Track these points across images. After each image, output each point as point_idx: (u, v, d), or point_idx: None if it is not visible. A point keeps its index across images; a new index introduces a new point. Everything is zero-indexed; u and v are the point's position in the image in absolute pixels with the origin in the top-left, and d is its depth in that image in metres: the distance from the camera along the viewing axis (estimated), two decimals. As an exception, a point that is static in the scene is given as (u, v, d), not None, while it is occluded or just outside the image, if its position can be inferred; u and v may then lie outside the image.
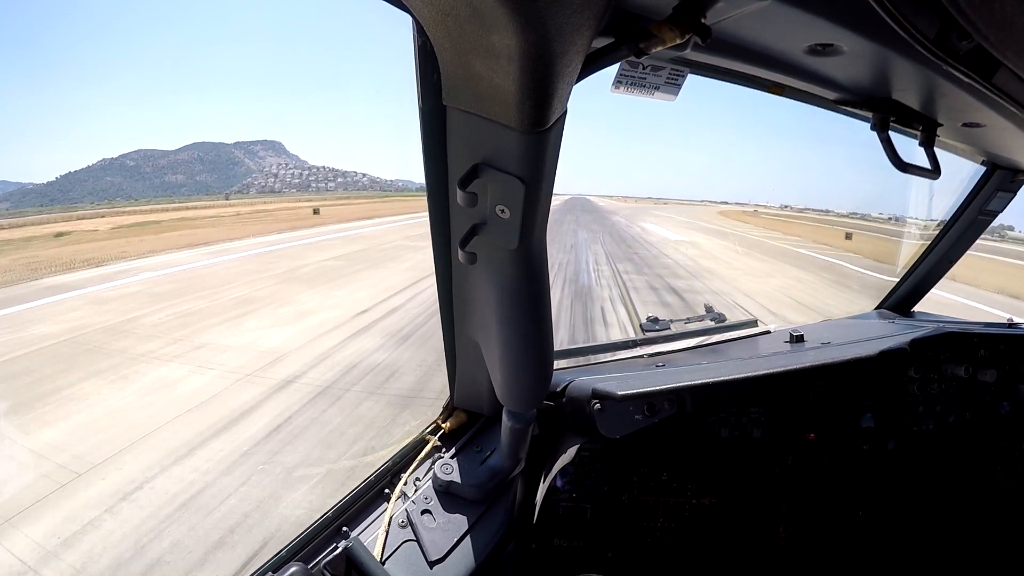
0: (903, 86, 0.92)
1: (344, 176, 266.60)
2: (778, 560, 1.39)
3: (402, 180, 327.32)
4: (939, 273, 2.07)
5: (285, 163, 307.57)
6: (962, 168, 1.73)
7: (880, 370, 1.40)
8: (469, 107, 0.64)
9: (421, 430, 1.34)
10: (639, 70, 0.87)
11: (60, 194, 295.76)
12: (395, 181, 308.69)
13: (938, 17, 0.51)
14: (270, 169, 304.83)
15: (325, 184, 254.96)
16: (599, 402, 1.23)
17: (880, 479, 1.43)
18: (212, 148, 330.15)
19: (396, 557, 1.08)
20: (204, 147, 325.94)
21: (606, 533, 1.30)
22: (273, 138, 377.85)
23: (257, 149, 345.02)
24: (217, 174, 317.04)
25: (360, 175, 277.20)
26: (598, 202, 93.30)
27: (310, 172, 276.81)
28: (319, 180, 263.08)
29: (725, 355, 1.76)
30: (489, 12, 0.46)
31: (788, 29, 0.72)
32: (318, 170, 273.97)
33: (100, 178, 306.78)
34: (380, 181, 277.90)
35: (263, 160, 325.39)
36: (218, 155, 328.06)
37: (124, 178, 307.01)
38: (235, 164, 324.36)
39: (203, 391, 4.95)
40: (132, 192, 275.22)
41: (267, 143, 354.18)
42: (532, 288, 0.85)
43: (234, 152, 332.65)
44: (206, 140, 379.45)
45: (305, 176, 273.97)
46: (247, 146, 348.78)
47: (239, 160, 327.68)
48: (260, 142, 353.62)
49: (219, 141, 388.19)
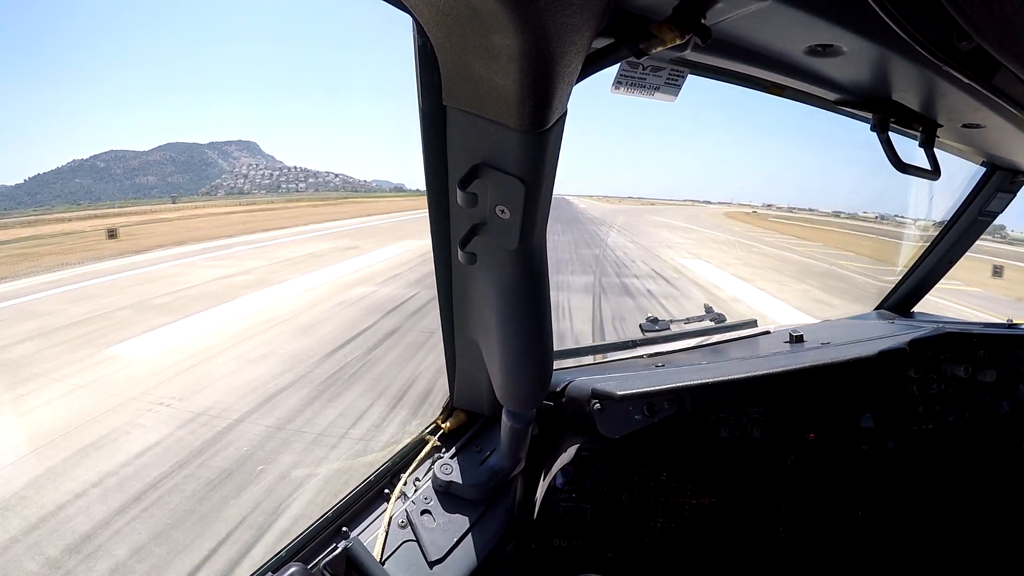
0: (903, 87, 0.92)
1: (316, 177, 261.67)
2: (778, 560, 1.39)
3: (377, 180, 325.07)
4: (939, 274, 2.07)
5: (257, 164, 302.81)
6: (962, 169, 1.73)
7: (880, 370, 1.40)
8: (469, 107, 0.64)
9: (421, 430, 1.34)
10: (639, 70, 0.87)
11: (28, 197, 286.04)
12: (370, 182, 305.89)
13: (938, 18, 0.51)
14: (240, 170, 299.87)
15: (296, 185, 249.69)
16: (599, 402, 1.23)
17: (880, 479, 1.43)
18: (185, 149, 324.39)
19: (396, 557, 1.08)
20: (177, 148, 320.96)
21: (606, 533, 1.30)
22: (248, 138, 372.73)
23: (231, 150, 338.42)
24: (190, 175, 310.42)
25: (333, 176, 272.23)
26: (578, 204, 69.85)
27: (280, 173, 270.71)
28: (290, 181, 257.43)
29: (725, 355, 1.76)
30: (489, 12, 0.46)
31: (788, 30, 0.72)
32: (289, 170, 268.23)
33: (69, 180, 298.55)
34: (354, 182, 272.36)
35: (237, 161, 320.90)
36: (191, 156, 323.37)
37: (94, 180, 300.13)
38: (208, 165, 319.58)
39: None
40: (101, 194, 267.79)
41: (242, 143, 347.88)
42: (532, 288, 0.86)
43: (207, 153, 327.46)
44: (180, 141, 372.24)
45: (276, 177, 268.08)
46: (221, 146, 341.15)
47: (212, 161, 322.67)
48: (235, 142, 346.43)
49: (193, 142, 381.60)
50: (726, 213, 61.67)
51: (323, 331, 6.81)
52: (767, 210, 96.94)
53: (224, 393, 4.87)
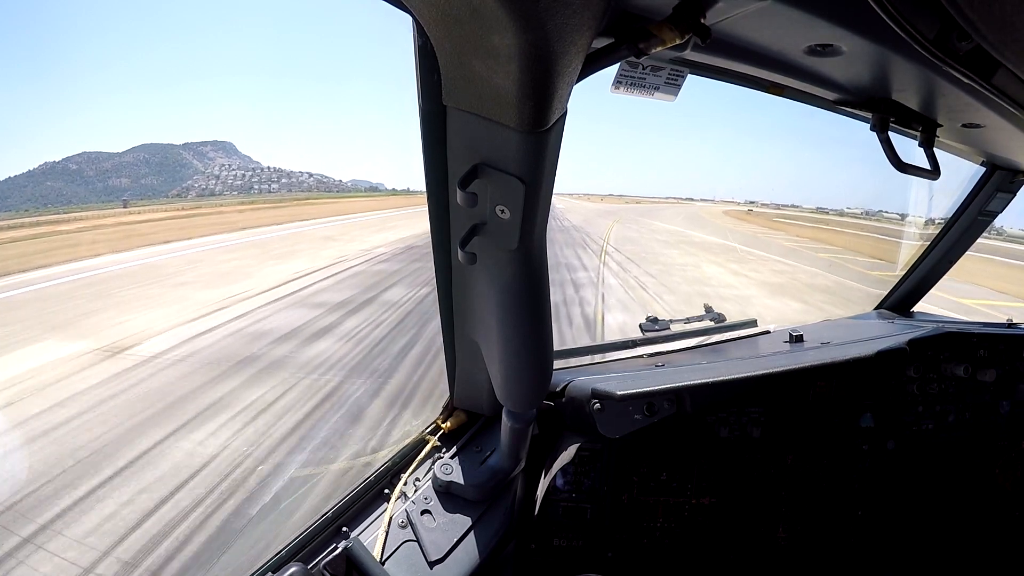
0: (903, 87, 0.92)
1: (289, 177, 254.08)
2: (778, 560, 1.39)
3: (355, 181, 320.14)
4: (939, 273, 2.07)
5: (230, 164, 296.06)
6: (962, 168, 1.73)
7: (879, 370, 1.40)
8: (469, 107, 0.64)
9: (421, 430, 1.34)
10: (639, 70, 0.87)
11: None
12: (347, 182, 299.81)
13: (938, 18, 0.51)
14: (211, 171, 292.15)
15: (268, 186, 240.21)
16: (599, 402, 1.23)
17: (879, 479, 1.43)
18: (160, 150, 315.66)
19: (396, 557, 1.07)
20: (152, 148, 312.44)
21: (606, 533, 1.30)
22: (225, 139, 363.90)
23: (207, 150, 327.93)
24: (164, 176, 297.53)
25: (307, 176, 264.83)
26: (556, 203, 40.34)
27: (252, 173, 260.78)
28: (262, 182, 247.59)
29: (725, 355, 1.76)
30: (489, 12, 0.46)
31: (788, 29, 0.72)
32: (262, 171, 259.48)
33: (41, 183, 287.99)
34: (329, 182, 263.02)
35: (212, 161, 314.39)
36: (166, 157, 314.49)
37: (65, 182, 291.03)
38: (183, 166, 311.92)
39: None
40: (72, 197, 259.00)
41: (217, 144, 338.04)
42: (532, 288, 0.85)
43: (182, 154, 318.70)
44: (155, 142, 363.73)
45: (248, 177, 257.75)
46: (196, 147, 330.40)
47: (187, 162, 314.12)
48: (210, 143, 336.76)
49: (168, 142, 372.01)
50: (725, 212, 55.36)
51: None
52: (752, 207, 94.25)
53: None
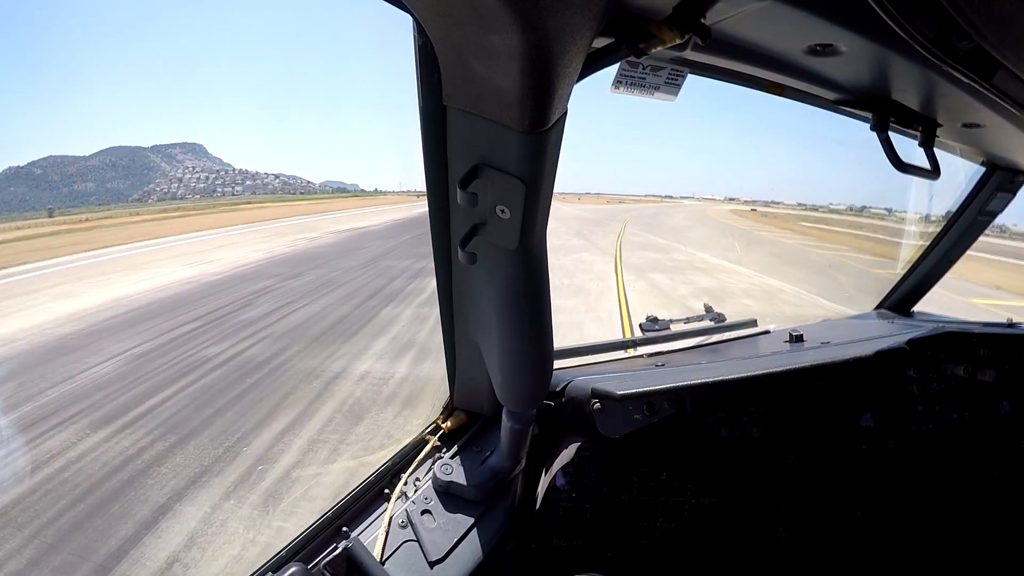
0: (903, 86, 0.92)
1: (254, 179, 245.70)
2: (778, 560, 1.39)
3: (329, 182, 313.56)
4: (939, 273, 2.07)
5: (196, 167, 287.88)
6: (962, 168, 1.73)
7: (879, 370, 1.40)
8: (469, 107, 0.64)
9: (421, 430, 1.34)
10: (639, 70, 0.87)
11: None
12: (318, 184, 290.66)
13: (938, 17, 0.51)
14: (175, 174, 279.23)
15: (232, 188, 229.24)
16: (599, 402, 1.23)
17: (879, 479, 1.43)
18: (127, 153, 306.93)
19: (396, 557, 1.07)
20: (119, 152, 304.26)
21: (606, 533, 1.30)
22: (195, 140, 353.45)
23: (175, 152, 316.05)
24: (131, 180, 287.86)
25: (272, 177, 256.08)
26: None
27: (216, 176, 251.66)
28: (226, 184, 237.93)
29: (725, 355, 1.76)
30: (489, 12, 0.46)
31: (788, 29, 0.72)
32: (227, 173, 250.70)
33: (4, 188, 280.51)
34: (297, 183, 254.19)
35: (181, 164, 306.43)
36: (133, 160, 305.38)
37: (29, 188, 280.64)
38: (151, 169, 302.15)
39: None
40: (36, 203, 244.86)
41: (187, 146, 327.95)
42: (532, 288, 0.85)
43: (150, 156, 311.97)
44: (122, 144, 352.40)
45: (211, 180, 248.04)
46: (165, 149, 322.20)
47: (155, 165, 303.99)
48: (179, 145, 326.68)
49: (136, 145, 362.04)
50: (732, 211, 51.55)
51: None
52: (733, 203, 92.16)
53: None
